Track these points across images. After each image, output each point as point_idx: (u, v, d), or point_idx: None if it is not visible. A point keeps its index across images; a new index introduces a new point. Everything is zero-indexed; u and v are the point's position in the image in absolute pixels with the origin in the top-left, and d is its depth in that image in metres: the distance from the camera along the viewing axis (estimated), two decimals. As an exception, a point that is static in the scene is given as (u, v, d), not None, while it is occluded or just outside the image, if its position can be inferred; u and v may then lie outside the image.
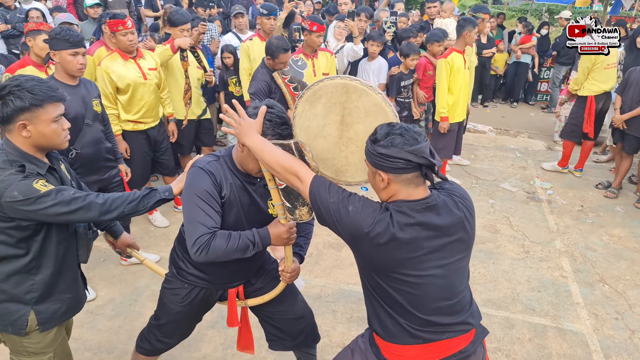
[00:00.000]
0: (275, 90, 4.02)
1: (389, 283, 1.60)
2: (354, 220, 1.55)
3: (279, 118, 1.85)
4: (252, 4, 7.83)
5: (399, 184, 1.56)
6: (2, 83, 1.78)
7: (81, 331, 3.09)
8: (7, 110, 1.74)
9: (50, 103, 1.79)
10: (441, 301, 1.60)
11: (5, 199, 1.69)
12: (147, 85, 3.91)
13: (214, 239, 1.81)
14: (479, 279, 3.80)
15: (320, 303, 3.41)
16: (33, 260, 1.86)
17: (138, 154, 4.10)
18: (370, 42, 5.11)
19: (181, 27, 4.28)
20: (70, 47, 2.98)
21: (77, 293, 2.11)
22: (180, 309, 2.22)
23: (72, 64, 3.03)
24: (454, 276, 1.62)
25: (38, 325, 1.93)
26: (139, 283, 3.61)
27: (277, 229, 1.96)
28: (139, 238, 4.26)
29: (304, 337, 2.41)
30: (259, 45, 4.73)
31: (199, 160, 1.96)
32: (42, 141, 1.83)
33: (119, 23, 3.69)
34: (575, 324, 3.33)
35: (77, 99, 3.15)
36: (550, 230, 4.61)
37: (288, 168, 1.70)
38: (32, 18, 5.89)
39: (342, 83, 1.71)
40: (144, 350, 2.36)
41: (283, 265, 2.12)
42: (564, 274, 3.91)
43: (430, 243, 1.56)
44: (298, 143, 1.75)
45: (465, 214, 1.62)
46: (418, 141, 1.52)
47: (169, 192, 1.99)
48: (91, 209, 1.81)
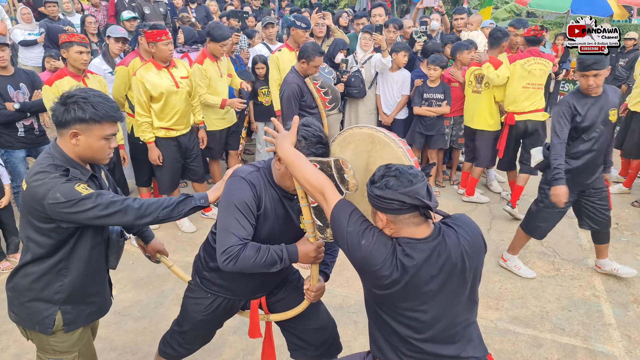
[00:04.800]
0: (306, 94, 4.10)
1: (391, 314, 1.64)
2: (364, 255, 1.58)
3: (314, 137, 1.82)
4: (282, 15, 7.98)
5: (398, 224, 1.59)
6: (72, 91, 1.86)
7: (108, 331, 3.17)
8: (67, 117, 1.82)
9: (107, 121, 1.87)
10: (439, 332, 1.62)
11: (48, 200, 1.75)
12: (180, 93, 4.03)
13: (244, 250, 1.81)
14: (506, 295, 3.71)
15: (342, 313, 3.39)
16: (63, 261, 1.92)
17: (169, 160, 4.21)
18: (398, 52, 5.13)
19: (222, 42, 4.38)
20: None
21: (104, 297, 2.17)
22: (202, 317, 2.24)
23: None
24: (453, 309, 1.64)
25: (64, 325, 1.98)
26: (165, 286, 3.68)
27: (306, 247, 1.94)
28: (166, 242, 4.35)
29: (327, 347, 2.40)
30: (288, 55, 4.81)
31: (240, 170, 1.95)
32: (87, 153, 1.90)
33: (162, 33, 3.83)
34: (607, 346, 3.20)
35: None
36: (582, 248, 4.46)
37: (315, 185, 1.71)
38: (90, 23, 6.19)
39: (368, 133, 1.82)
40: (167, 355, 2.40)
41: (309, 283, 2.09)
42: (596, 294, 3.77)
43: (430, 282, 1.58)
44: (339, 160, 1.72)
45: (465, 249, 1.62)
46: (413, 183, 1.54)
47: (204, 199, 1.99)
48: (127, 212, 1.84)
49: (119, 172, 4.45)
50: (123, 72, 4.25)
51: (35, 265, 1.92)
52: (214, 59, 4.48)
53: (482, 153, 5.12)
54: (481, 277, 1.73)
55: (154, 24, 4.03)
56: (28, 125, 4.13)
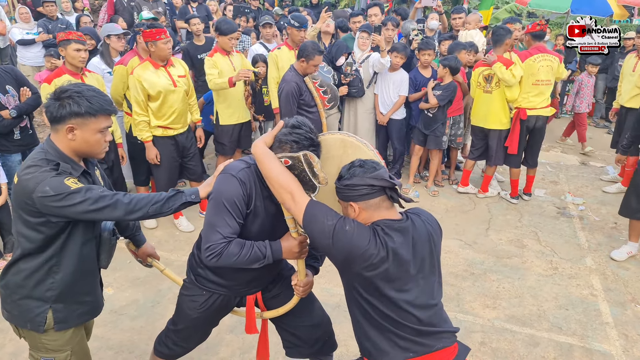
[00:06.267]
0: (305, 93, 4.10)
1: (379, 298, 1.69)
2: (350, 239, 1.64)
3: (306, 139, 1.81)
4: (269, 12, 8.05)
5: (369, 210, 1.72)
6: (64, 87, 1.87)
7: (104, 330, 3.17)
8: (62, 112, 1.83)
9: (102, 115, 1.88)
10: (424, 311, 1.71)
11: (37, 194, 1.76)
12: (177, 92, 4.03)
13: (227, 247, 1.84)
14: (503, 294, 3.70)
15: (338, 312, 3.39)
16: (54, 257, 1.92)
17: (166, 159, 4.21)
18: (394, 53, 5.14)
19: (230, 35, 4.48)
20: None
21: (96, 297, 2.15)
22: (197, 315, 2.24)
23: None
24: (430, 289, 1.76)
25: (55, 324, 1.97)
26: (162, 285, 3.68)
27: (289, 243, 1.96)
28: (164, 242, 4.36)
29: (321, 345, 2.39)
30: (287, 54, 4.82)
31: (230, 166, 1.95)
32: (83, 147, 1.90)
33: (161, 32, 3.84)
34: (604, 345, 3.19)
35: None
36: (580, 247, 4.46)
37: (284, 185, 1.75)
38: (84, 23, 6.19)
39: (340, 138, 1.91)
40: (162, 354, 2.40)
41: (296, 278, 2.11)
42: (593, 293, 3.76)
43: (409, 262, 1.69)
44: (307, 155, 1.75)
45: (430, 232, 1.78)
46: (376, 169, 1.71)
47: (195, 195, 1.99)
48: (117, 207, 1.84)
49: (117, 171, 4.45)
50: (121, 71, 4.24)
51: (26, 261, 1.92)
52: (224, 53, 4.57)
53: (498, 152, 5.15)
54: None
55: (152, 22, 4.02)
56: (23, 126, 4.09)
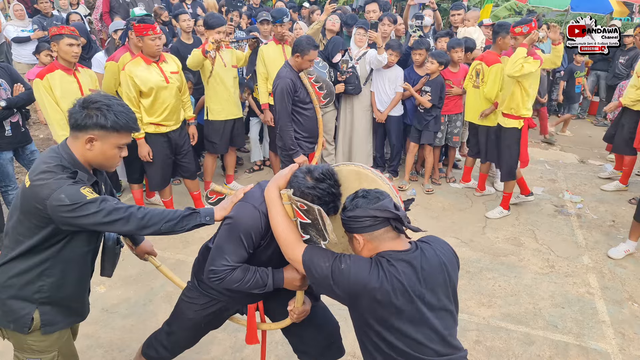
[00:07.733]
0: (300, 89, 4.05)
1: (394, 333, 1.63)
2: (348, 277, 1.62)
3: (328, 196, 1.78)
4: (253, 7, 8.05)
5: (374, 241, 1.67)
6: (95, 97, 1.85)
7: (95, 328, 3.13)
8: (87, 122, 1.80)
9: (125, 132, 1.87)
10: (442, 344, 1.65)
11: (52, 201, 1.71)
12: (169, 88, 3.99)
13: (232, 273, 1.88)
14: (498, 292, 3.67)
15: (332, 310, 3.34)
16: (49, 261, 1.88)
17: (159, 157, 4.17)
18: (388, 50, 5.11)
19: (217, 29, 4.38)
20: None
21: (83, 303, 2.14)
22: (192, 315, 2.24)
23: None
24: (446, 321, 1.68)
25: (41, 326, 1.94)
26: (155, 284, 3.64)
27: (292, 275, 1.97)
28: (159, 239, 4.30)
29: (328, 350, 2.39)
30: (274, 49, 4.83)
31: (253, 196, 1.93)
32: (99, 159, 1.88)
33: (148, 28, 3.78)
34: (600, 343, 3.16)
35: None
36: (578, 245, 4.42)
37: (283, 236, 1.78)
38: (73, 21, 6.14)
39: (355, 170, 1.90)
40: (149, 357, 2.41)
41: (292, 305, 2.12)
42: (590, 291, 3.73)
43: (421, 290, 1.62)
44: (321, 211, 1.71)
45: (443, 261, 1.69)
46: (380, 199, 1.66)
47: (210, 217, 1.93)
48: (130, 221, 1.80)
49: None
50: (113, 68, 4.19)
51: (19, 261, 1.88)
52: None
53: (489, 148, 5.00)
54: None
55: (142, 17, 3.98)
56: (15, 122, 4.06)
